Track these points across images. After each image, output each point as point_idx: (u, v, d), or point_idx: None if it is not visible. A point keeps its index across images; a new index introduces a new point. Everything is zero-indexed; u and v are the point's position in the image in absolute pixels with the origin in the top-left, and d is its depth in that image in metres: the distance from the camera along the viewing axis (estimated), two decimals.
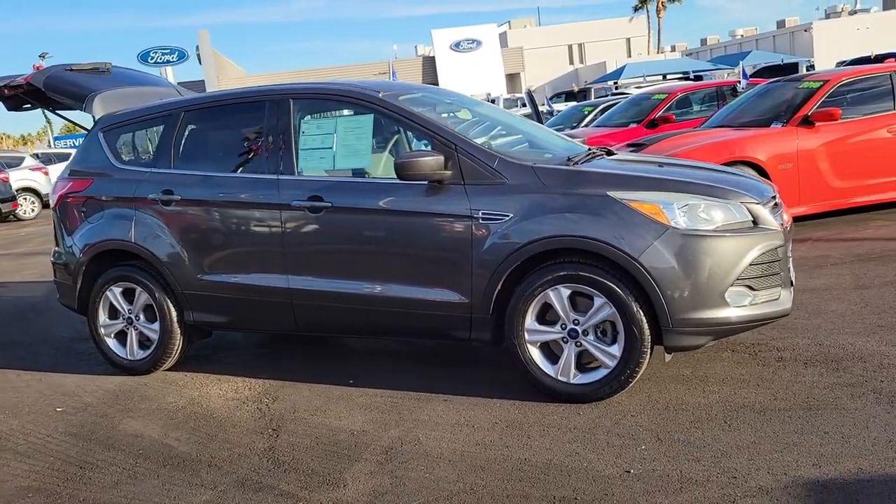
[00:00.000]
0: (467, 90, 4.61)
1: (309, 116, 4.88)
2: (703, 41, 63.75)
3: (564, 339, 4.14)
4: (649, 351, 4.00)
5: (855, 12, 64.49)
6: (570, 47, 50.11)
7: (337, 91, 4.86)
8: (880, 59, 25.67)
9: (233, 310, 4.99)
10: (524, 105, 29.06)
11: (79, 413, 4.70)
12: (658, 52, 49.93)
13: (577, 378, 4.14)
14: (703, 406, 3.97)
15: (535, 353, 4.21)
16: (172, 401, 4.78)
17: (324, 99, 4.99)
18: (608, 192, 4.06)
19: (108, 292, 5.30)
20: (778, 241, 4.11)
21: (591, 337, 4.09)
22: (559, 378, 4.16)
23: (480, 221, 4.20)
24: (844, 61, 26.79)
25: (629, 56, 48.92)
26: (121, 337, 5.37)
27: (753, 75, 21.45)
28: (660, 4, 54.57)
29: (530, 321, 4.18)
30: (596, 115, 16.20)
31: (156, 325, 5.20)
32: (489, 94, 33.70)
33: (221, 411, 4.54)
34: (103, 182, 5.33)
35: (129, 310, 5.27)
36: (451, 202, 4.28)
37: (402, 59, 48.68)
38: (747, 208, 4.08)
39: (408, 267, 4.42)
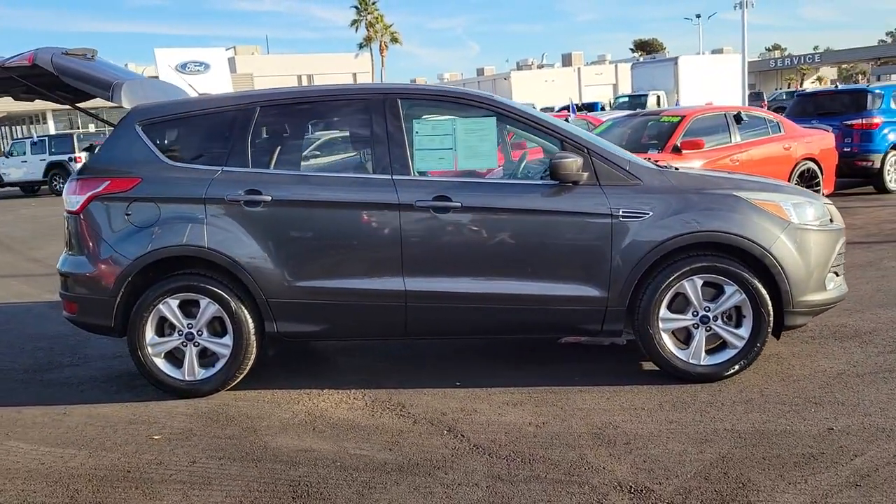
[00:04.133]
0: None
1: (422, 117, 4.80)
2: (413, 82, 67.72)
3: (696, 325, 4.58)
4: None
5: (542, 66, 72.86)
6: (299, 77, 50.27)
7: (455, 94, 4.87)
8: (584, 107, 29.98)
9: (332, 317, 4.70)
10: None
11: (195, 438, 4.13)
12: None
13: (706, 360, 4.60)
14: (812, 376, 4.62)
15: (668, 340, 4.59)
16: (288, 416, 4.39)
17: (441, 101, 4.94)
18: (734, 193, 4.61)
19: (160, 306, 4.68)
20: (844, 236, 4.94)
21: (719, 322, 4.58)
22: (690, 361, 4.59)
23: (621, 219, 4.51)
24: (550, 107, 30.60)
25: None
26: (172, 356, 4.77)
27: None
28: (382, 44, 57.08)
29: (664, 310, 4.56)
30: None
31: (226, 340, 4.70)
32: None
33: (360, 419, 4.30)
34: (156, 181, 4.71)
35: (188, 324, 4.70)
36: (589, 201, 4.53)
37: None
38: (826, 208, 4.86)
39: (543, 264, 4.57)
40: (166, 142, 4.87)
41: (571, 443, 3.86)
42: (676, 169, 5.25)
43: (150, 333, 4.71)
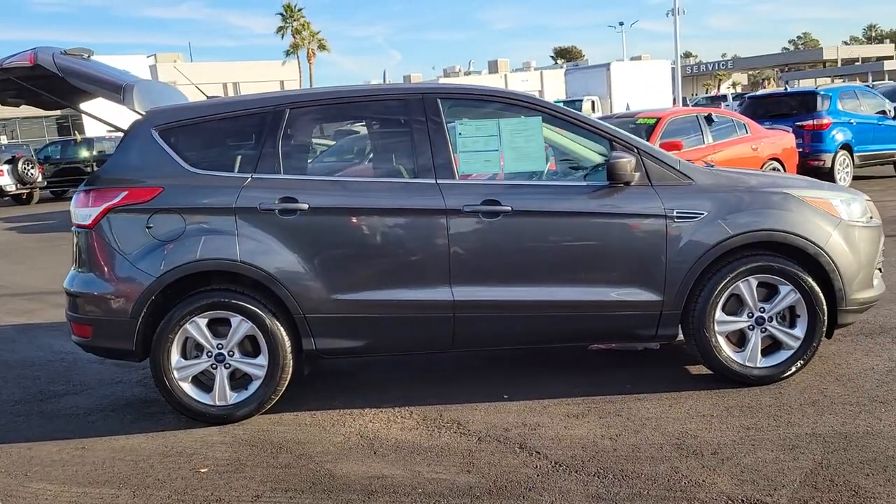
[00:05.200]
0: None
1: (464, 118, 4.55)
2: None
3: (751, 327, 4.48)
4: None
5: (469, 73, 73.33)
6: (224, 86, 49.03)
7: (497, 93, 4.65)
8: None
9: (374, 331, 4.41)
10: None
11: (247, 469, 3.78)
12: None
13: (761, 362, 4.50)
14: (863, 374, 4.57)
15: (724, 343, 4.48)
16: (340, 439, 4.08)
17: (483, 101, 4.70)
18: (785, 190, 4.53)
19: (187, 326, 4.30)
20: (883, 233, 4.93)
21: (774, 323, 4.49)
22: (746, 363, 4.48)
23: (676, 220, 4.38)
24: None
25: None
26: (198, 380, 4.39)
27: None
28: (310, 52, 56.28)
29: (719, 313, 4.44)
30: None
31: (260, 360, 4.36)
32: None
33: (419, 439, 4.02)
34: (180, 191, 4.33)
35: (218, 344, 4.34)
36: (643, 202, 4.38)
37: None
38: (867, 204, 4.84)
39: (599, 268, 4.40)
40: (187, 148, 4.48)
41: (656, 455, 3.69)
42: (713, 167, 5.17)
43: (175, 356, 4.32)
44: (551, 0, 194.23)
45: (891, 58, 71.68)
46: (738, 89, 69.34)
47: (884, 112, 14.70)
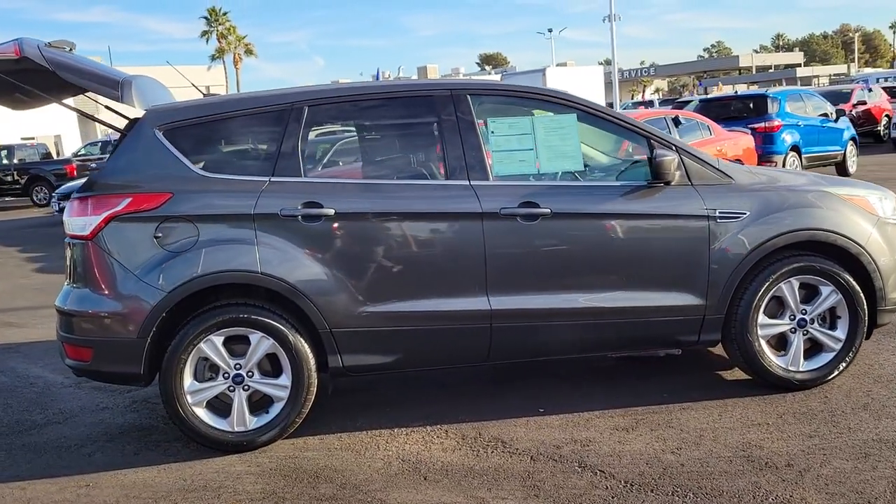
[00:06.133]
0: (26, 131, 4.39)
1: (495, 115, 4.27)
2: None
3: (793, 330, 4.33)
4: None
5: (399, 78, 72.97)
6: None
7: (530, 90, 4.38)
8: None
9: (405, 345, 4.08)
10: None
11: (287, 502, 3.40)
12: None
13: (804, 365, 4.35)
14: None
15: (765, 347, 4.32)
16: (380, 465, 3.74)
17: (515, 97, 4.42)
18: (825, 188, 4.41)
19: (202, 345, 3.89)
20: None
21: (815, 325, 4.36)
22: (790, 368, 4.33)
23: (718, 220, 4.20)
24: None
25: None
26: (213, 404, 3.99)
27: None
28: (236, 56, 55.02)
29: (762, 316, 4.28)
30: None
31: (283, 380, 3.98)
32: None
33: (467, 461, 3.71)
34: (191, 196, 3.92)
35: (236, 364, 3.94)
36: (684, 202, 4.19)
37: None
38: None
39: (641, 272, 4.18)
40: (195, 150, 4.07)
41: (729, 469, 3.47)
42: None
43: (188, 379, 3.91)
44: (474, 8, 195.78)
45: (800, 65, 75.11)
46: (661, 95, 71.01)
47: (826, 115, 15.09)
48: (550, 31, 58.82)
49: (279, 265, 3.89)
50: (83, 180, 16.87)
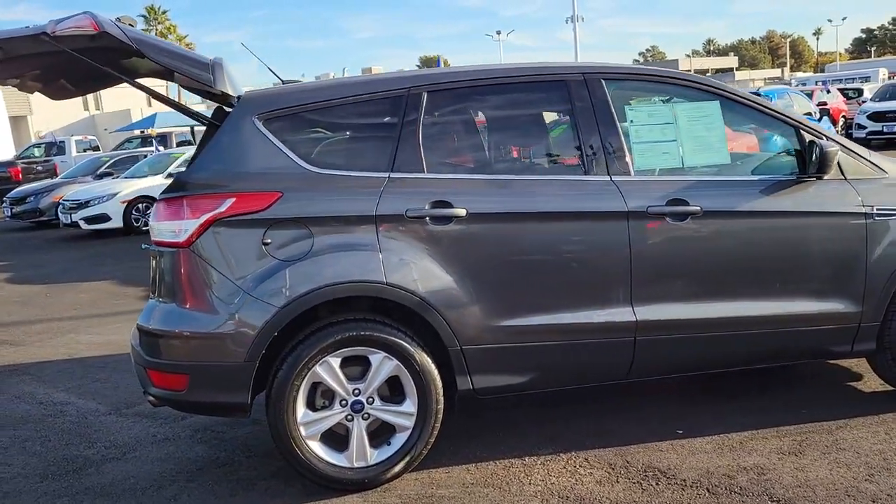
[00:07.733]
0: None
1: (632, 102, 3.81)
2: None
3: None
4: None
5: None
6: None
7: (669, 74, 3.92)
8: None
9: (543, 362, 3.58)
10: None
11: None
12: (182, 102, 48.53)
13: None
14: None
15: None
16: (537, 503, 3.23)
17: (653, 82, 3.95)
18: None
19: (317, 368, 3.32)
20: None
21: None
22: None
23: (876, 218, 3.82)
24: None
25: (150, 105, 46.78)
26: (328, 436, 3.42)
27: None
28: None
29: None
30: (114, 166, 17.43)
31: (407, 406, 3.44)
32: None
33: (630, 496, 3.24)
34: (303, 196, 3.34)
35: (354, 390, 3.39)
36: (840, 198, 3.81)
37: None
38: None
39: (795, 277, 3.78)
40: (301, 142, 3.49)
41: None
42: None
43: (301, 408, 3.33)
44: (411, 11, 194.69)
45: (734, 69, 77.02)
46: None
47: (810, 113, 15.13)
48: (499, 32, 58.59)
49: (407, 274, 3.35)
50: (41, 183, 15.82)
